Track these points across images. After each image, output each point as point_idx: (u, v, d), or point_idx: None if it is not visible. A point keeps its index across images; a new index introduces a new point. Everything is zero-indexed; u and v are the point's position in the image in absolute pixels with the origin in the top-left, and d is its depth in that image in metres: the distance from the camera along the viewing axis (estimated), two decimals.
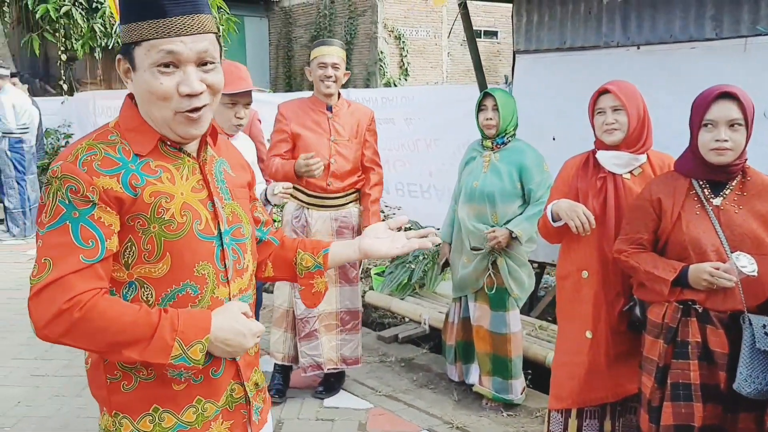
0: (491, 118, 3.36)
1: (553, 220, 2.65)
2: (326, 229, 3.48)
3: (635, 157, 2.62)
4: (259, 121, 4.26)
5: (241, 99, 2.90)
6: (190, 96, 1.36)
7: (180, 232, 1.38)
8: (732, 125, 2.21)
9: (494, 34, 17.26)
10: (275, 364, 3.65)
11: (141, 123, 1.41)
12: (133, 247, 1.36)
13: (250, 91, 2.92)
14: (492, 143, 3.40)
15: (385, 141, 5.78)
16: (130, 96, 1.46)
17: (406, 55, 15.79)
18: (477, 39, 4.99)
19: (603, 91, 2.63)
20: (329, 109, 3.49)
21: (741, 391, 2.17)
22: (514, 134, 3.43)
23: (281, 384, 3.63)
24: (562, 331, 2.84)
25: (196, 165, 1.47)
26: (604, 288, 2.64)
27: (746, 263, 2.13)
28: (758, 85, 3.45)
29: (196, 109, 1.38)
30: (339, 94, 3.54)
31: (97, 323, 1.28)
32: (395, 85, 15.17)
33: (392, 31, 15.52)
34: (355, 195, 3.57)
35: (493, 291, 3.38)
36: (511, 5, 4.67)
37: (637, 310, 2.52)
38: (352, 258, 1.72)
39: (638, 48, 4.00)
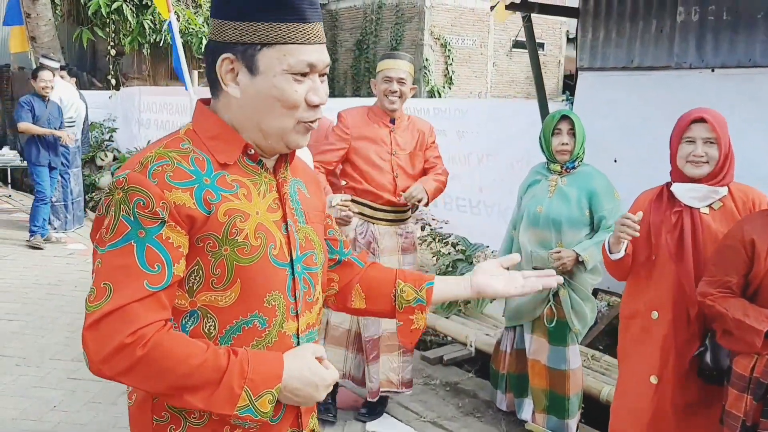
0: (567, 144, 3.16)
1: (610, 252, 2.48)
2: (393, 246, 3.38)
3: (715, 189, 2.44)
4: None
5: None
6: (317, 106, 1.27)
7: (254, 257, 1.25)
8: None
9: (540, 45, 17.00)
10: None
11: (225, 130, 1.28)
12: (200, 272, 1.23)
13: None
14: (561, 168, 3.22)
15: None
16: (204, 101, 1.33)
17: (451, 63, 15.64)
18: (523, 50, 4.81)
19: (697, 119, 2.43)
20: (392, 122, 3.36)
21: None
22: (583, 158, 3.24)
23: (332, 402, 3.49)
24: (624, 373, 2.66)
25: (273, 182, 1.34)
26: (675, 331, 2.45)
27: None
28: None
29: (314, 122, 1.29)
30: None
31: (161, 363, 1.15)
32: (439, 94, 15.03)
33: (438, 39, 15.39)
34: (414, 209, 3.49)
35: (553, 324, 3.19)
36: (576, 20, 4.50)
37: (708, 357, 2.33)
38: (462, 296, 1.56)
39: (713, 71, 3.79)
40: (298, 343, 1.35)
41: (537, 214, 3.21)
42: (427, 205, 3.40)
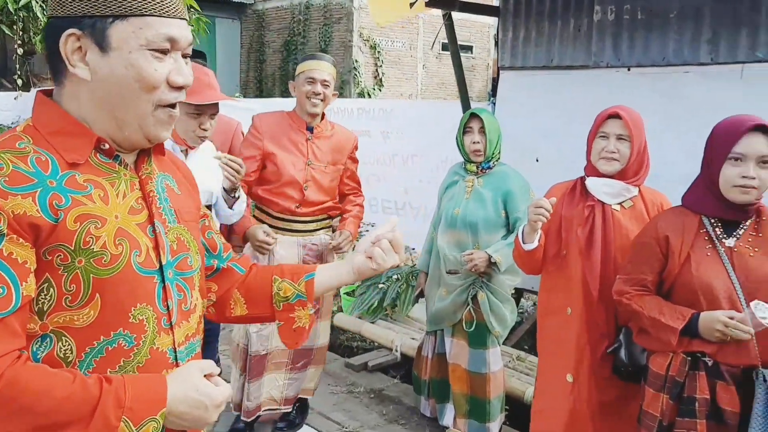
0: (478, 142, 3.10)
1: (524, 242, 2.43)
2: (292, 257, 3.11)
3: (628, 188, 2.42)
4: (243, 134, 3.89)
5: (207, 109, 2.60)
6: (180, 88, 1.13)
7: (114, 267, 1.10)
8: (762, 162, 2.00)
9: (469, 48, 17.18)
10: None
11: (71, 123, 1.12)
12: (51, 289, 1.06)
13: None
14: (477, 168, 3.16)
15: (359, 154, 5.55)
16: (45, 92, 1.16)
17: (381, 66, 15.59)
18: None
19: (612, 115, 2.41)
20: (310, 129, 3.13)
21: None
22: (499, 158, 3.19)
23: (243, 427, 3.30)
24: (542, 372, 2.62)
25: (135, 180, 1.18)
26: (588, 327, 2.42)
27: (766, 313, 1.92)
28: (756, 113, 3.28)
29: (174, 106, 1.15)
30: (323, 114, 3.20)
31: (20, 401, 0.99)
32: (369, 95, 14.96)
33: (368, 41, 15.31)
34: (326, 221, 3.25)
35: (473, 327, 3.12)
36: (496, 19, 4.48)
37: (623, 354, 2.30)
38: (346, 280, 1.43)
39: (628, 70, 3.83)
40: (176, 359, 1.20)
41: (454, 216, 3.14)
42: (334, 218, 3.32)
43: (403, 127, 5.23)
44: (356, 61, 15.07)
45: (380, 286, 4.69)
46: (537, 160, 4.22)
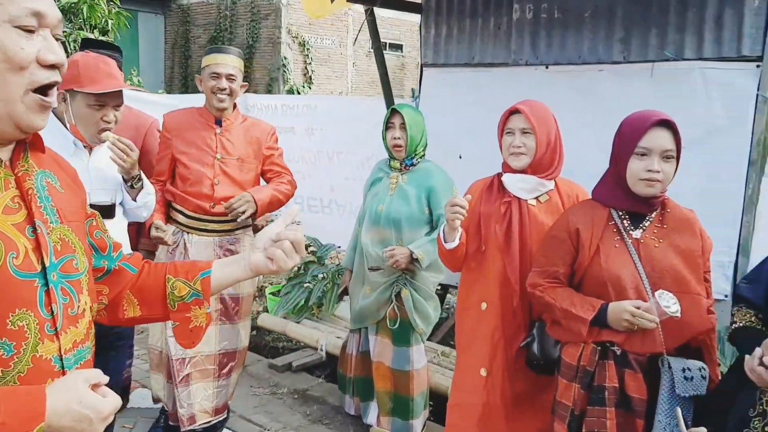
0: (399, 138, 3.09)
1: (445, 241, 2.44)
2: (208, 258, 2.98)
3: (542, 182, 2.47)
4: (159, 131, 3.73)
5: (110, 100, 2.48)
6: (53, 67, 1.05)
7: None
8: (665, 156, 2.06)
9: (399, 47, 17.25)
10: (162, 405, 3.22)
11: None
12: None
13: (121, 91, 2.51)
14: (401, 164, 3.15)
15: (283, 152, 5.45)
16: None
17: (310, 63, 15.46)
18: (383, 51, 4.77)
19: (514, 111, 2.45)
20: (218, 123, 3.03)
21: None
22: (424, 155, 3.18)
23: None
24: (459, 367, 2.64)
25: (11, 177, 1.10)
26: (503, 322, 2.46)
27: (669, 302, 1.97)
28: (664, 110, 3.38)
29: (50, 87, 1.07)
30: (234, 105, 3.09)
31: None
32: (299, 93, 14.81)
33: (296, 37, 15.15)
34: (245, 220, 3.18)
35: (396, 325, 3.11)
36: (419, 16, 4.48)
37: (535, 347, 2.34)
38: (241, 277, 1.38)
39: (546, 68, 3.90)
40: (63, 367, 1.13)
41: (378, 213, 3.12)
42: (255, 218, 3.07)
43: (328, 123, 5.17)
44: (285, 58, 14.89)
45: (306, 285, 4.62)
46: (460, 157, 4.25)
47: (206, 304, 1.35)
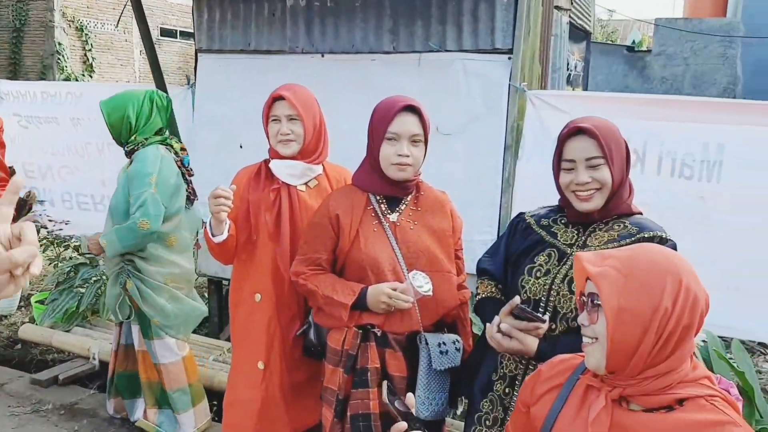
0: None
1: (213, 235, 2.34)
2: None
3: (310, 167, 2.45)
4: None
5: None
6: None
7: None
8: (413, 140, 2.12)
9: (191, 35, 16.51)
10: None
11: None
12: None
13: None
14: (126, 152, 3.03)
15: (46, 144, 4.93)
16: None
17: (90, 49, 14.23)
18: (173, 39, 4.49)
19: (277, 97, 2.39)
20: None
21: (419, 415, 2.08)
22: (143, 142, 2.97)
23: None
24: (235, 363, 2.56)
25: None
26: (279, 312, 2.42)
27: (422, 282, 2.05)
28: (431, 99, 3.56)
29: None
30: None
31: None
32: (77, 82, 13.58)
33: (72, 21, 13.86)
34: None
35: (131, 317, 2.99)
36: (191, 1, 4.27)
37: (312, 334, 2.33)
38: None
39: (322, 56, 3.91)
40: None
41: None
42: None
43: (96, 112, 4.73)
44: (59, 43, 13.56)
45: (76, 289, 4.22)
46: (241, 147, 4.12)
47: None
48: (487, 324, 1.86)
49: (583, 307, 1.31)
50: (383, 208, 2.19)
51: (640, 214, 1.91)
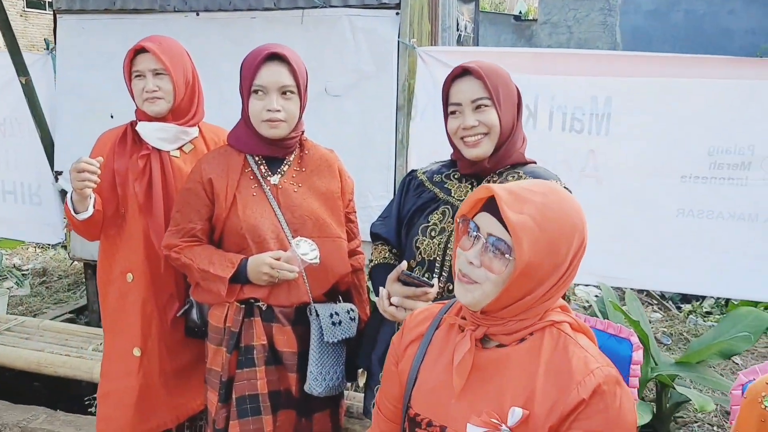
0: None
1: (76, 212, 2.05)
2: None
3: (184, 130, 2.19)
4: None
5: None
6: None
7: None
8: (284, 93, 1.91)
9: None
10: None
11: None
12: None
13: None
14: None
15: None
16: None
17: None
18: (40, 11, 3.99)
19: (140, 50, 2.11)
20: None
21: (312, 392, 1.93)
22: None
23: None
24: (108, 352, 2.28)
25: None
26: (155, 292, 2.16)
27: (307, 249, 1.87)
28: (317, 58, 3.37)
29: None
30: None
31: None
32: None
33: None
34: None
35: None
36: None
37: (194, 313, 2.11)
38: None
39: (197, 14, 3.60)
40: None
41: None
42: None
43: None
44: None
45: None
46: (112, 116, 3.75)
47: None
48: (378, 295, 1.71)
49: (464, 233, 1.20)
50: (263, 170, 1.99)
51: (534, 163, 1.81)
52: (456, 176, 1.82)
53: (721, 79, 2.83)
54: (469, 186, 1.78)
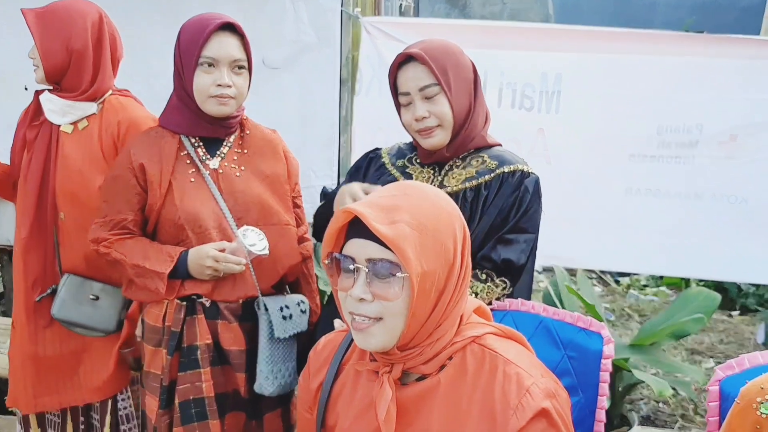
0: None
1: None
2: None
3: (72, 104, 1.98)
4: None
5: None
6: None
7: None
8: (236, 67, 1.74)
9: None
10: None
11: None
12: None
13: None
14: None
15: None
16: None
17: None
18: None
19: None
20: None
21: (263, 392, 1.79)
22: None
23: None
24: None
25: None
26: (25, 269, 2.02)
27: (255, 240, 1.72)
28: (255, 27, 3.12)
29: None
30: None
31: None
32: None
33: None
34: None
35: None
36: None
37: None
38: None
39: None
40: None
41: None
42: None
43: None
44: None
45: None
46: (26, 89, 3.41)
47: None
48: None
49: (338, 273, 1.07)
50: (201, 153, 1.81)
51: (499, 145, 1.72)
52: (418, 161, 1.71)
53: (672, 56, 2.80)
54: (431, 172, 1.67)
